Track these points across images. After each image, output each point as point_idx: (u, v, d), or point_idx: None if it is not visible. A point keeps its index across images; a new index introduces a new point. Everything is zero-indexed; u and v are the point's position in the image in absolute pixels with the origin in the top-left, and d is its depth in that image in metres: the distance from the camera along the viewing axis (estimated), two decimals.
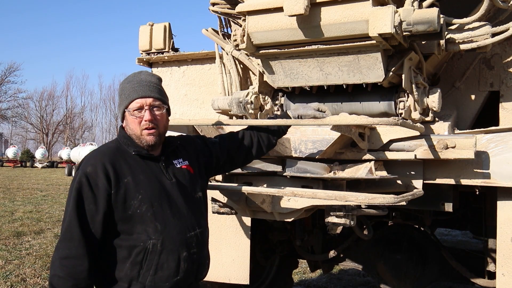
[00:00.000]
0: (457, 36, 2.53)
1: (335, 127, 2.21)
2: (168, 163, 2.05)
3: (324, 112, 2.35)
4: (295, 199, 2.54)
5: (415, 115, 2.55)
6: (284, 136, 2.65)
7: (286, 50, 2.56)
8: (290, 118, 2.39)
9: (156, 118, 1.97)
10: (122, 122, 2.03)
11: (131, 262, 1.87)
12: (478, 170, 2.45)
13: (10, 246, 7.13)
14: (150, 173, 1.96)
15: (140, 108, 1.95)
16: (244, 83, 3.27)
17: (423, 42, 2.54)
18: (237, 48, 2.97)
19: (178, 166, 2.08)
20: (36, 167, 37.88)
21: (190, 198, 2.05)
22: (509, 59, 2.74)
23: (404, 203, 2.20)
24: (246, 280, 3.20)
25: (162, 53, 3.68)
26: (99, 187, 1.84)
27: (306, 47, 2.50)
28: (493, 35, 2.48)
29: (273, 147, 2.47)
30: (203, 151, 2.25)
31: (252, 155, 2.40)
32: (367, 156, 2.50)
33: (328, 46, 2.45)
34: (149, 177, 1.95)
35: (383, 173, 2.50)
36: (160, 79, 2.09)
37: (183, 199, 2.00)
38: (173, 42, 3.70)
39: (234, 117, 3.12)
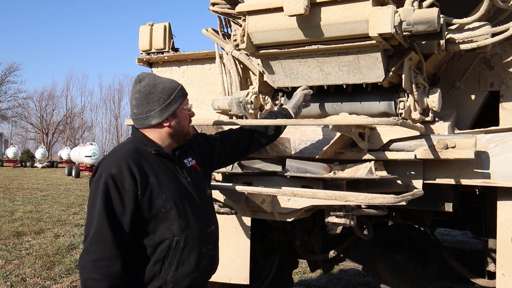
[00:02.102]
0: (457, 36, 2.53)
1: (335, 127, 2.21)
2: (181, 162, 2.10)
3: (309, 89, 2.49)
4: (295, 199, 2.55)
5: (415, 115, 2.55)
6: (284, 136, 2.66)
7: (286, 50, 2.56)
8: (288, 112, 2.47)
9: None
10: (165, 122, 2.01)
11: (154, 259, 1.91)
12: (478, 170, 2.45)
13: (10, 246, 7.12)
14: (169, 173, 2.01)
15: (188, 105, 2.09)
16: (244, 83, 3.27)
17: (423, 42, 2.54)
18: (237, 48, 2.97)
19: (189, 165, 2.13)
20: (36, 167, 37.87)
21: (203, 196, 2.12)
22: (509, 59, 2.74)
23: (404, 203, 2.20)
24: (246, 280, 3.20)
25: (162, 53, 3.68)
26: (125, 189, 1.86)
27: (306, 47, 2.50)
28: (493, 35, 2.48)
29: (273, 140, 2.52)
30: (205, 148, 2.30)
31: (251, 147, 2.46)
32: (367, 156, 2.50)
33: (328, 46, 2.45)
34: (169, 176, 2.00)
35: (383, 173, 2.50)
36: None
37: (198, 197, 2.07)
38: (173, 42, 3.70)
39: (234, 117, 3.12)
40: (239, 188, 2.46)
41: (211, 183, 2.50)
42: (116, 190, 1.85)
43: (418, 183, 2.54)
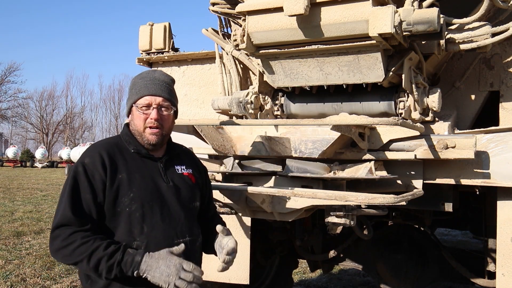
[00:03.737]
0: (457, 36, 2.53)
1: (335, 127, 2.21)
2: (168, 166, 2.01)
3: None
4: (295, 199, 2.54)
5: (415, 115, 2.55)
6: (284, 136, 2.66)
7: (286, 50, 2.56)
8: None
9: (162, 118, 1.94)
10: (128, 116, 2.01)
11: None
12: (478, 170, 2.45)
13: (10, 246, 7.12)
14: (146, 173, 1.92)
15: (148, 106, 1.92)
16: (244, 83, 3.27)
17: (423, 42, 2.54)
18: (237, 48, 2.97)
19: (180, 172, 2.03)
20: (36, 167, 37.85)
21: (186, 205, 1.99)
22: (509, 59, 2.74)
23: (404, 203, 2.20)
24: (246, 280, 3.20)
25: (162, 53, 3.68)
26: (95, 178, 1.82)
27: (306, 47, 2.50)
28: (493, 35, 2.48)
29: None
30: (203, 177, 2.18)
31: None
32: (367, 156, 2.50)
33: (328, 46, 2.45)
34: (144, 176, 1.91)
35: (383, 173, 2.50)
36: (173, 80, 2.06)
37: (178, 204, 1.95)
38: (173, 42, 3.70)
39: (234, 117, 3.12)
40: (239, 188, 2.46)
41: (212, 183, 2.49)
42: (86, 178, 1.81)
43: (418, 183, 2.54)
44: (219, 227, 1.99)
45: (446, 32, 2.49)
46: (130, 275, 1.74)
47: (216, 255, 2.07)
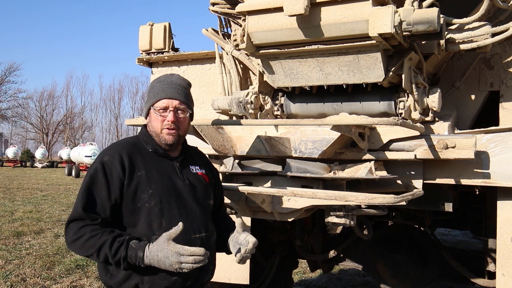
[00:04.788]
0: (457, 36, 2.53)
1: (335, 127, 2.21)
2: (184, 165, 2.10)
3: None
4: (295, 199, 2.55)
5: (415, 115, 2.55)
6: (284, 136, 2.66)
7: (286, 50, 2.56)
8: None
9: (178, 120, 2.03)
10: (146, 118, 2.10)
11: None
12: (478, 170, 2.45)
13: (10, 246, 7.12)
14: (163, 171, 2.02)
15: (166, 108, 2.01)
16: (244, 83, 3.27)
17: (423, 42, 2.54)
18: (237, 48, 2.97)
19: (194, 171, 2.13)
20: (36, 167, 37.86)
21: (201, 202, 2.08)
22: (509, 59, 2.74)
23: (404, 203, 2.20)
24: (246, 280, 3.20)
25: (162, 53, 3.68)
26: (113, 176, 1.91)
27: (306, 47, 2.50)
28: (493, 35, 2.48)
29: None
30: (216, 178, 2.28)
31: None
32: (367, 156, 2.50)
33: (328, 46, 2.45)
34: (162, 174, 2.00)
35: (383, 173, 2.50)
36: (189, 84, 2.15)
37: (194, 201, 2.03)
38: (173, 42, 3.70)
39: (234, 117, 3.12)
40: (239, 188, 2.46)
41: None
42: (103, 175, 1.91)
43: (418, 183, 2.54)
44: (238, 220, 2.10)
45: (446, 32, 2.49)
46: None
47: (227, 253, 2.18)
